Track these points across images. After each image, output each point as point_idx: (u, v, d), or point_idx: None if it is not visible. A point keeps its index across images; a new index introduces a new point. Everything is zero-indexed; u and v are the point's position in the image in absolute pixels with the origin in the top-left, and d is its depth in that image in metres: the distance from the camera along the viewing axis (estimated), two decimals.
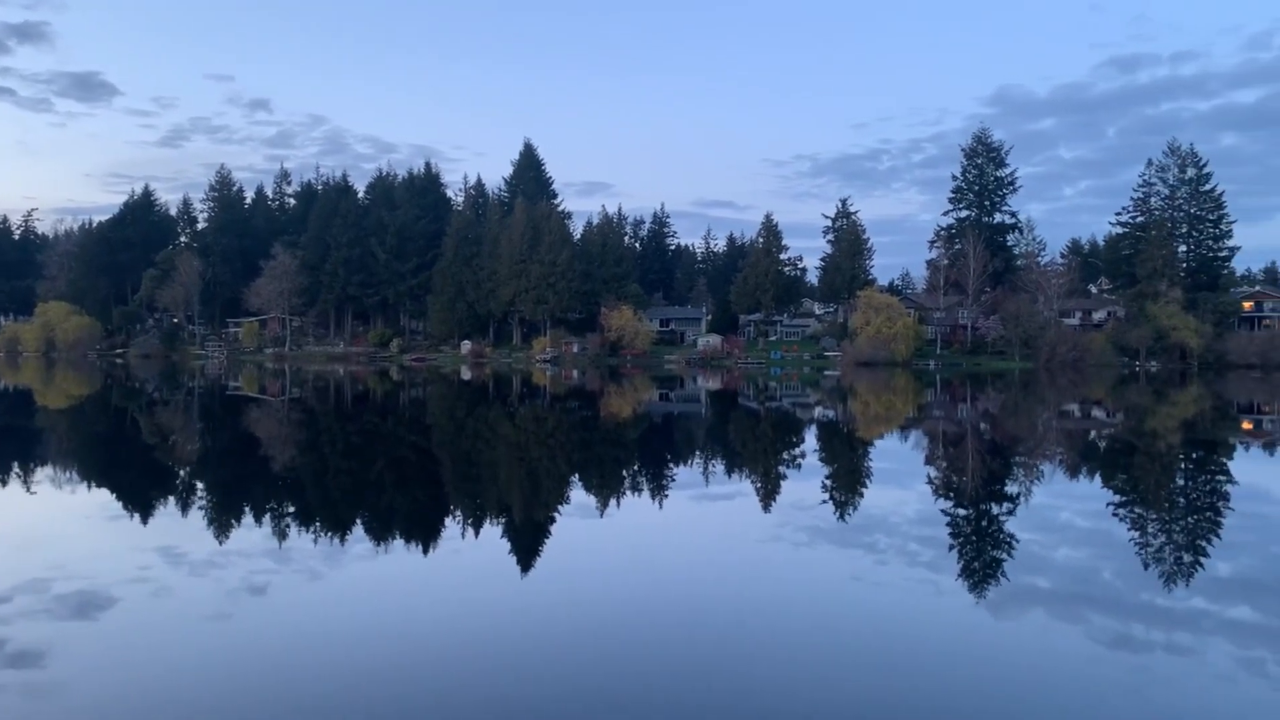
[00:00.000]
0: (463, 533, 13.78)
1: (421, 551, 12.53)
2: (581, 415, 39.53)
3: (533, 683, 7.63)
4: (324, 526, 13.92)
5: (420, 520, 15.11)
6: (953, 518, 15.81)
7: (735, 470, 22.40)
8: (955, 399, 53.11)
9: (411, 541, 13.06)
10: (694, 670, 7.96)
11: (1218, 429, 35.20)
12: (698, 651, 8.47)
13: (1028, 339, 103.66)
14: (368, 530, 13.78)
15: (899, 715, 7.07)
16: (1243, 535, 13.98)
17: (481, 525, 14.41)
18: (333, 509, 16.03)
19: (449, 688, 7.52)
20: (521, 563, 11.91)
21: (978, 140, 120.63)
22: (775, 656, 8.36)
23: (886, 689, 7.59)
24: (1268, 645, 8.59)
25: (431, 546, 12.80)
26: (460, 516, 15.25)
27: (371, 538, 13.21)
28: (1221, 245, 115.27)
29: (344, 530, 13.64)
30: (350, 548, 12.49)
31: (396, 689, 7.44)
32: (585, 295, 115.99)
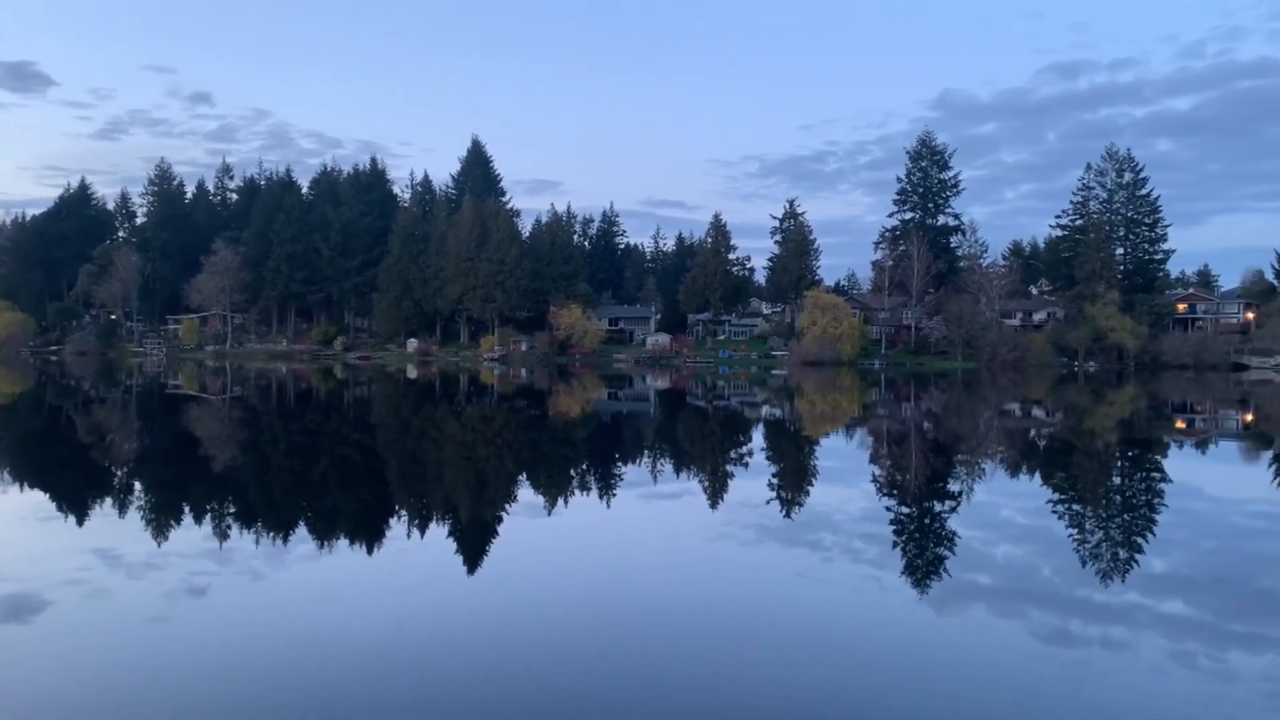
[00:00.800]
0: (408, 533, 13.65)
1: (366, 552, 12.38)
2: (530, 414, 39.37)
3: (481, 683, 7.58)
4: (266, 527, 13.69)
5: (365, 521, 14.93)
6: (896, 515, 16.03)
7: (683, 469, 22.47)
8: (899, 398, 53.84)
9: (356, 542, 12.89)
10: (642, 668, 7.97)
11: (1152, 428, 36.10)
12: (645, 649, 8.47)
13: (970, 339, 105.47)
14: (311, 531, 13.58)
15: (843, 710, 7.14)
16: (1176, 532, 14.35)
17: (428, 526, 14.29)
18: (275, 509, 15.77)
19: (395, 689, 7.44)
20: (469, 563, 11.83)
21: (922, 143, 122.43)
22: (721, 653, 8.40)
23: (831, 684, 7.66)
24: (1198, 639, 8.83)
25: (377, 547, 12.65)
26: (406, 517, 15.10)
27: (315, 538, 13.02)
28: (1157, 248, 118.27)
29: (287, 531, 13.43)
30: (293, 548, 12.30)
31: (342, 691, 7.34)
32: (534, 294, 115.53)
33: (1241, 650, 8.50)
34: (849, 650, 8.62)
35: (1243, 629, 9.21)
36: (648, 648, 8.54)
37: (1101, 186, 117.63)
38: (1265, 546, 13.64)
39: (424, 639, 8.75)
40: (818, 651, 8.56)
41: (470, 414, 37.93)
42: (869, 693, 7.52)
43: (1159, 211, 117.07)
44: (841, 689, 7.58)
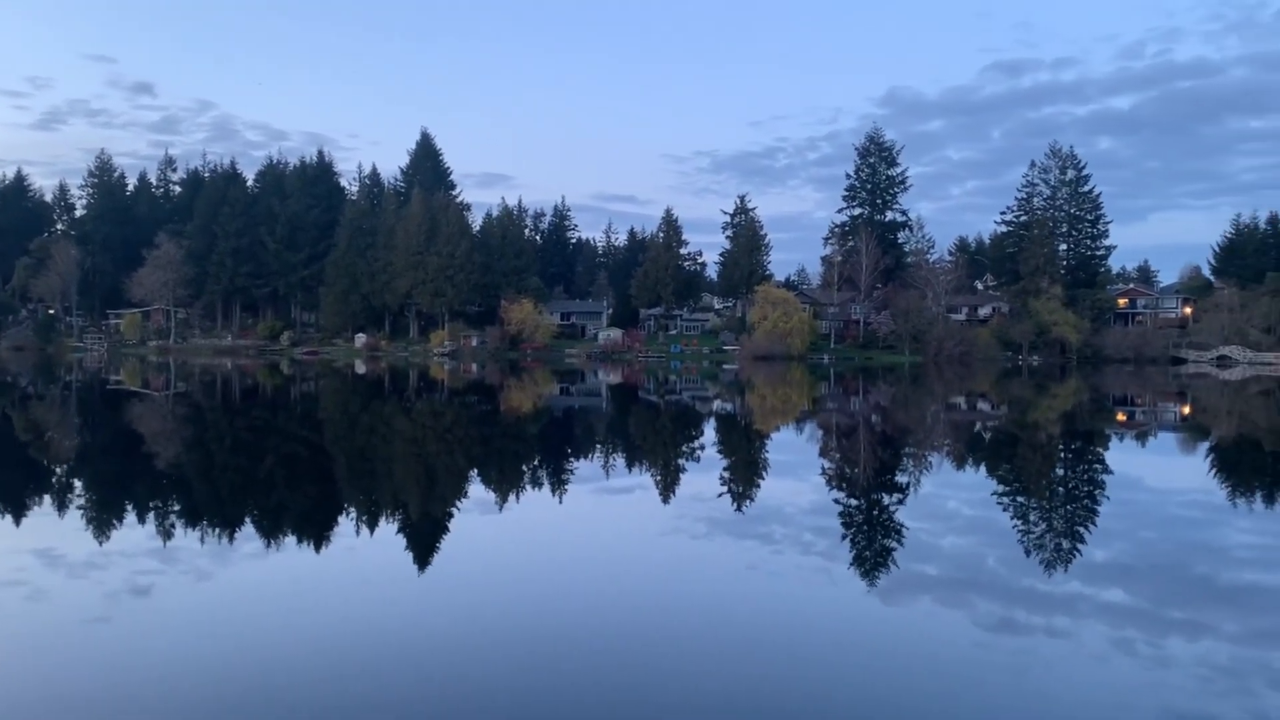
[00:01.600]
0: (357, 531, 13.51)
1: (314, 550, 12.24)
2: (481, 410, 39.15)
3: (430, 681, 7.53)
4: (211, 525, 13.47)
5: (313, 519, 14.75)
6: (845, 508, 16.21)
7: (635, 463, 22.51)
8: (848, 392, 54.42)
9: (304, 540, 12.74)
10: (594, 662, 7.98)
11: (1094, 421, 36.90)
12: (597, 644, 8.49)
13: (917, 334, 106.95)
14: (258, 529, 13.39)
15: (795, 700, 7.21)
16: (1116, 522, 14.69)
17: (377, 523, 14.15)
18: (220, 507, 15.51)
19: (344, 689, 7.37)
20: (419, 560, 11.74)
21: (870, 140, 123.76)
22: (674, 646, 8.44)
23: (782, 675, 7.74)
24: (1137, 626, 9.06)
25: (325, 545, 12.51)
26: (355, 515, 14.94)
27: (262, 536, 12.84)
28: (1099, 244, 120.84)
29: (233, 529, 13.23)
30: (240, 547, 12.12)
31: (289, 693, 7.26)
32: (484, 288, 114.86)
33: (1178, 637, 8.74)
34: (800, 641, 8.71)
35: (1180, 616, 9.47)
36: (600, 642, 8.56)
37: (1045, 183, 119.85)
38: (1200, 535, 14.02)
39: (373, 638, 8.67)
40: (769, 643, 8.64)
41: (420, 410, 37.61)
42: (820, 683, 7.61)
43: (1100, 208, 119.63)
44: (792, 679, 7.65)
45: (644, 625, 9.10)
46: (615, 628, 9.00)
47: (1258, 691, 7.31)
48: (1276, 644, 8.54)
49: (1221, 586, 10.72)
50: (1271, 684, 7.47)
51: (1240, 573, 11.39)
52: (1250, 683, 7.51)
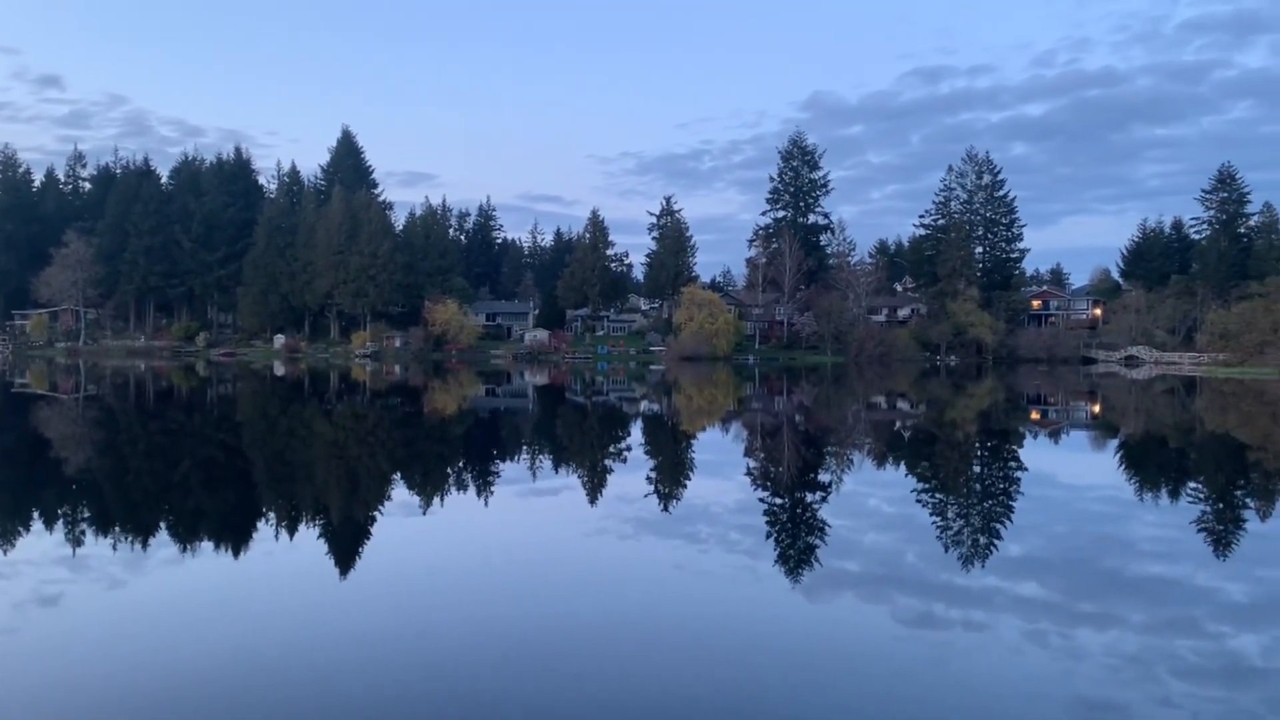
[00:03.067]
0: (276, 535, 13.20)
1: (232, 555, 11.93)
2: (404, 412, 38.62)
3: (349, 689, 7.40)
4: (124, 532, 13.04)
5: (230, 525, 14.37)
6: (770, 506, 16.39)
7: (562, 465, 22.44)
8: (773, 392, 55.06)
9: (222, 546, 12.41)
10: (519, 664, 7.93)
11: (1009, 419, 37.93)
12: (521, 646, 8.43)
13: (839, 334, 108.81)
14: (173, 535, 13.00)
15: (719, 698, 7.27)
16: (1030, 518, 15.12)
17: (297, 527, 13.85)
18: (134, 513, 15.01)
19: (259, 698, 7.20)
20: (340, 565, 11.53)
21: (793, 144, 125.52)
22: (600, 647, 8.44)
23: (707, 673, 7.79)
24: (1050, 618, 9.34)
25: (243, 550, 12.20)
26: (274, 519, 14.60)
27: (177, 542, 12.47)
28: (1013, 247, 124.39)
29: (146, 535, 12.83)
30: (154, 553, 11.75)
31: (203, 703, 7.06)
32: (408, 288, 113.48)
33: (1088, 627, 9.03)
34: (725, 639, 8.78)
35: (1090, 608, 9.78)
36: (524, 645, 8.50)
37: (962, 188, 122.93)
38: (1110, 529, 14.51)
39: (294, 646, 8.49)
40: (695, 641, 8.68)
41: (341, 412, 36.97)
42: (745, 679, 7.67)
43: (1015, 212, 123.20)
44: (718, 677, 7.71)
45: (570, 626, 9.08)
46: (540, 630, 8.95)
47: (1162, 679, 7.59)
48: (1180, 633, 8.88)
49: (1129, 578, 11.11)
50: (1175, 672, 7.77)
51: (1146, 565, 11.82)
52: (1155, 670, 7.79)
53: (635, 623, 9.26)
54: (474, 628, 9.00)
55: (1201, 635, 8.80)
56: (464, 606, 9.79)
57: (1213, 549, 13.01)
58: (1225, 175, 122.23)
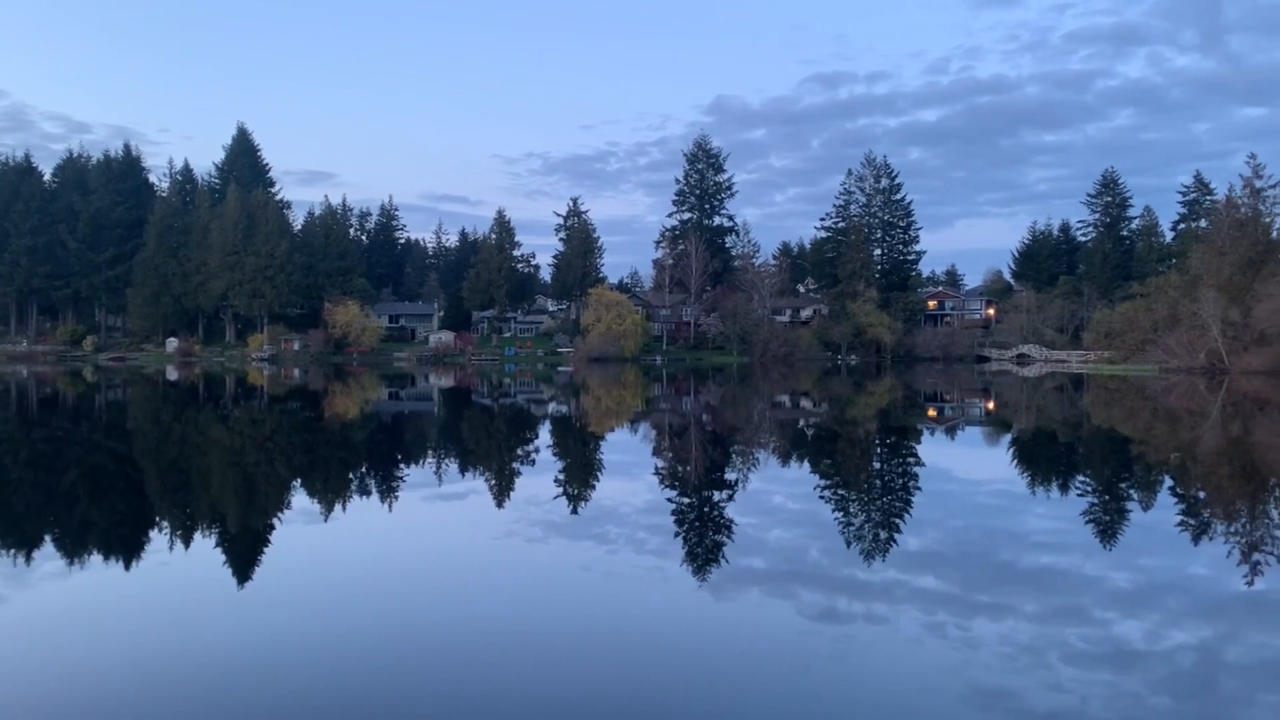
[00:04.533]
0: (170, 546, 12.73)
1: (124, 567, 11.46)
2: (304, 416, 37.70)
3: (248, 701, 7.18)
4: (6, 545, 12.40)
5: (119, 535, 13.80)
6: (678, 506, 16.50)
7: (469, 468, 22.20)
8: (680, 392, 55.47)
9: (112, 557, 11.91)
10: (426, 669, 7.81)
11: (907, 417, 38.96)
12: (426, 652, 8.31)
13: (744, 335, 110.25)
14: (59, 547, 12.41)
15: (627, 697, 7.28)
16: (929, 512, 15.56)
17: (192, 537, 13.38)
18: (16, 525, 14.28)
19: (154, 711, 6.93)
20: (238, 574, 11.18)
21: (698, 146, 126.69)
22: (506, 650, 8.36)
23: (615, 673, 7.80)
24: (948, 610, 9.62)
25: (135, 561, 11.73)
26: (168, 529, 14.09)
27: (64, 555, 11.91)
28: (910, 250, 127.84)
29: (30, 548, 12.22)
30: (38, 567, 11.21)
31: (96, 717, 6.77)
32: (307, 289, 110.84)
33: (984, 618, 9.33)
34: (632, 638, 8.80)
35: (985, 599, 10.11)
36: (430, 651, 8.38)
37: (861, 191, 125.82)
38: (1003, 523, 15.02)
39: (186, 657, 8.20)
40: (603, 641, 8.68)
41: (237, 417, 35.88)
42: (653, 678, 7.70)
43: (912, 215, 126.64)
44: (625, 676, 7.72)
45: (477, 631, 8.98)
46: (447, 635, 8.84)
47: (1054, 665, 7.89)
48: (1070, 621, 9.24)
49: (1022, 569, 11.52)
50: (1065, 659, 8.08)
51: (1038, 556, 12.27)
52: (1046, 657, 8.09)
53: (542, 625, 9.21)
54: (377, 635, 8.83)
55: (1089, 622, 9.18)
56: (366, 614, 9.59)
57: (1099, 539, 13.59)
58: (1109, 180, 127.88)
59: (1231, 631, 9.01)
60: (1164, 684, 7.49)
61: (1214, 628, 9.08)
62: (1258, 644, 8.64)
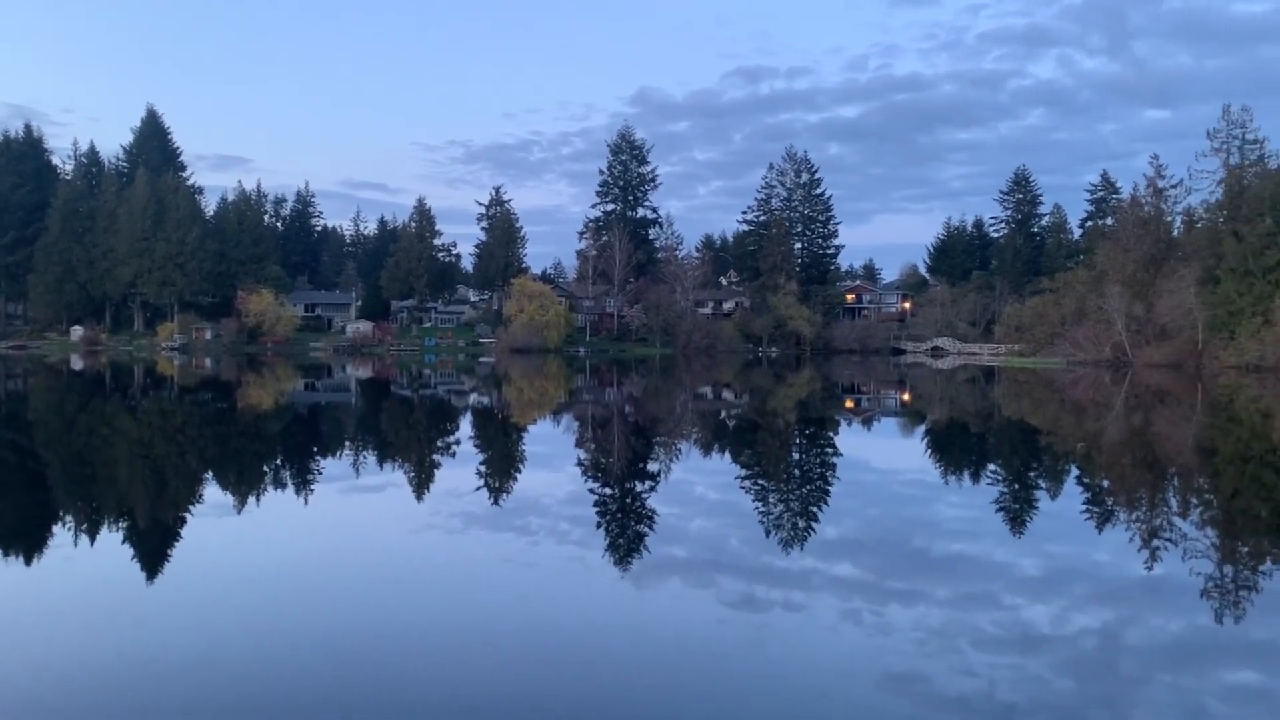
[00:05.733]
0: (75, 541, 12.27)
1: (23, 563, 11.01)
2: (215, 408, 36.71)
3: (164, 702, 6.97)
4: None
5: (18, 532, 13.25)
6: (600, 497, 16.51)
7: (387, 461, 21.87)
8: (603, 384, 55.48)
9: (10, 555, 11.42)
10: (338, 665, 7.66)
11: (826, 408, 39.61)
12: (342, 646, 8.15)
13: (667, 326, 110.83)
14: None
15: (545, 688, 7.25)
16: (846, 501, 15.84)
17: (96, 534, 12.92)
18: None
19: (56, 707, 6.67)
20: (147, 570, 10.82)
21: (622, 138, 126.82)
22: (425, 644, 8.26)
23: (534, 664, 7.76)
24: (863, 597, 9.80)
25: (34, 559, 11.28)
26: (70, 525, 13.58)
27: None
28: (830, 244, 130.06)
29: None
30: None
31: None
32: (219, 277, 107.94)
33: (898, 604, 9.53)
34: (553, 630, 8.77)
35: (899, 585, 10.33)
36: (348, 646, 8.23)
37: (782, 185, 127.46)
38: (917, 511, 15.37)
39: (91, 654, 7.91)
40: (522, 634, 8.63)
41: (146, 408, 34.78)
42: (573, 668, 7.69)
43: (831, 210, 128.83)
44: (545, 668, 7.70)
45: (395, 626, 8.85)
46: (360, 630, 8.68)
47: (964, 650, 8.10)
48: (980, 606, 9.50)
49: (935, 556, 11.80)
50: (975, 643, 8.30)
51: (950, 544, 12.58)
52: (957, 642, 8.30)
53: (461, 618, 9.13)
54: (290, 633, 8.64)
55: (998, 607, 9.44)
56: (279, 611, 9.38)
57: (1009, 527, 14.00)
58: (1020, 178, 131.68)
59: (1132, 615, 9.37)
60: (1068, 666, 7.74)
61: (1115, 611, 9.43)
62: (1156, 626, 9.00)
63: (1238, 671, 7.77)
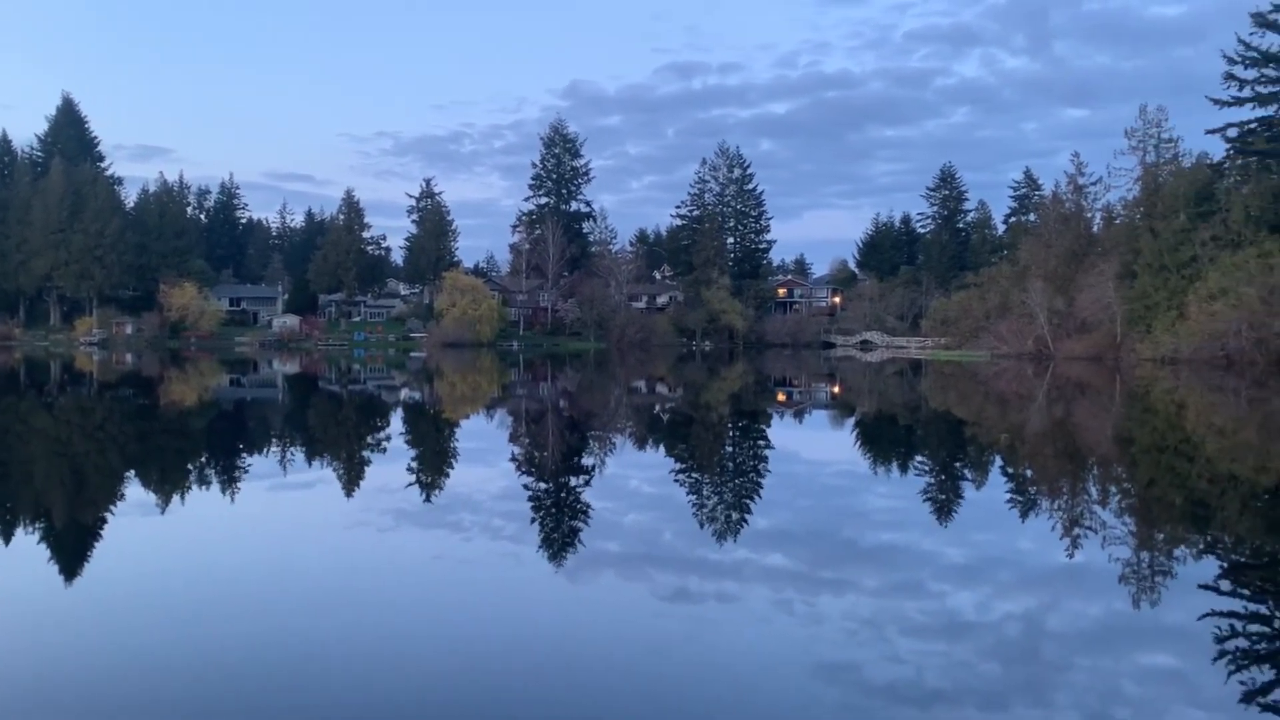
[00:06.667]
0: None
1: None
2: (137, 405, 35.71)
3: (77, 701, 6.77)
4: None
5: None
6: (534, 491, 16.45)
7: (316, 458, 21.49)
8: (537, 378, 55.27)
9: None
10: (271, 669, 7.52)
11: (759, 401, 39.99)
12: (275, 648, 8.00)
13: (601, 321, 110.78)
14: None
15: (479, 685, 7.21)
16: (778, 493, 16.03)
17: (11, 536, 12.47)
18: None
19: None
20: (65, 573, 10.47)
21: (555, 131, 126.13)
22: (358, 644, 8.13)
23: (468, 661, 7.70)
24: (795, 587, 9.93)
25: None
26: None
27: None
28: (761, 239, 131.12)
29: None
30: None
31: None
32: (140, 270, 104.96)
33: (829, 594, 9.67)
34: (487, 627, 8.71)
35: (830, 575, 10.48)
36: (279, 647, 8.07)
37: (715, 180, 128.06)
38: (847, 502, 15.62)
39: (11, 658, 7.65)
40: (456, 631, 8.57)
41: (63, 405, 33.67)
42: (506, 665, 7.65)
43: (763, 205, 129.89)
44: (478, 665, 7.64)
45: (326, 625, 8.70)
46: (291, 631, 8.52)
47: (893, 638, 8.25)
48: (908, 595, 9.69)
49: (864, 547, 12.00)
50: (904, 631, 8.46)
51: (879, 534, 12.81)
52: (886, 631, 8.46)
53: (394, 617, 9.01)
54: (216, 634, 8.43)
55: (925, 595, 9.64)
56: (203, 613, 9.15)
57: (935, 517, 14.30)
58: (946, 175, 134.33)
59: (1053, 600, 9.64)
60: (993, 652, 7.94)
61: (1038, 597, 9.69)
62: (1076, 611, 9.27)
63: (1153, 654, 8.05)
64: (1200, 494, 16.79)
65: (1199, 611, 8.98)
